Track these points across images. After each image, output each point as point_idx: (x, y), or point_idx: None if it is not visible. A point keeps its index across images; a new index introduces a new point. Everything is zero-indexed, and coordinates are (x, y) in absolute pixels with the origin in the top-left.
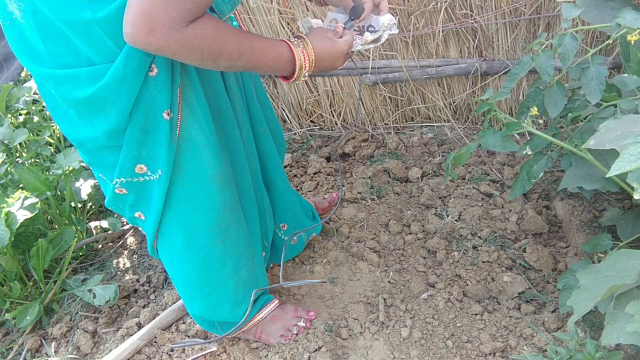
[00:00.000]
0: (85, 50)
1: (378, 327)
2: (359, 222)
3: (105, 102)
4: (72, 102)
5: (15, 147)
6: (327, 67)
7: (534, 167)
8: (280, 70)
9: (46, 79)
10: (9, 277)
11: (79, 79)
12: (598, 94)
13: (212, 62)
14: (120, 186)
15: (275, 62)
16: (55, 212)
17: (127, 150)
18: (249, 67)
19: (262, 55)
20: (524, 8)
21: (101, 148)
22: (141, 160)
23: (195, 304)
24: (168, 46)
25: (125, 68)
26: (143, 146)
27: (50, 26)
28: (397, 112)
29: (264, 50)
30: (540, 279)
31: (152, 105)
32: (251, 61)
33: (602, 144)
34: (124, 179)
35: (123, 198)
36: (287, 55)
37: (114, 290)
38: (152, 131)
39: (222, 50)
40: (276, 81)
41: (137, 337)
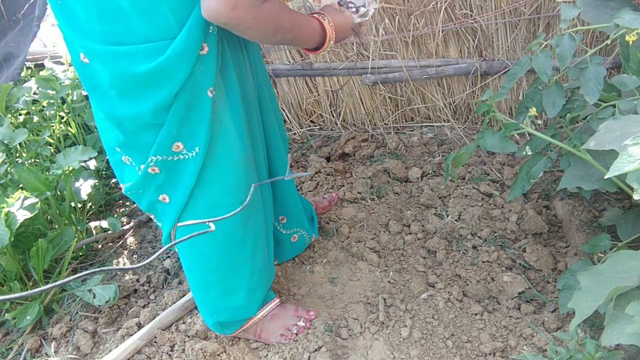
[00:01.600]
0: (142, 28)
1: (378, 327)
2: (359, 222)
3: (162, 77)
4: (128, 77)
5: (15, 147)
6: (342, 38)
7: (534, 168)
8: (313, 42)
9: (103, 55)
10: (9, 277)
11: (136, 56)
12: (596, 94)
13: (272, 35)
14: (154, 165)
15: (311, 34)
16: (55, 212)
17: (169, 127)
18: (293, 40)
19: (303, 29)
20: (524, 8)
21: (143, 126)
22: (180, 137)
23: (210, 293)
24: (246, 21)
25: (186, 43)
26: (184, 123)
27: (110, 4)
28: (397, 112)
29: (305, 24)
30: (540, 279)
31: (199, 83)
32: (296, 34)
33: (602, 145)
34: (160, 157)
35: (152, 179)
36: (319, 28)
37: (114, 290)
38: (195, 108)
39: (282, 24)
40: (276, 81)
41: (137, 337)
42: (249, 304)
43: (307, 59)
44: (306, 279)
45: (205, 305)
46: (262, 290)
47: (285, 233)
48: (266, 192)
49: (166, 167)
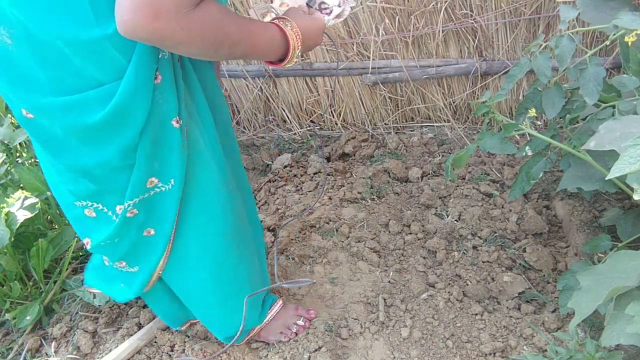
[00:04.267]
0: (90, 70)
1: (378, 327)
2: (359, 222)
3: (120, 119)
4: (81, 128)
5: (15, 147)
6: (312, 45)
7: (533, 168)
8: (273, 53)
9: (50, 109)
10: (9, 277)
11: (87, 102)
12: (596, 95)
13: (214, 50)
14: (132, 208)
15: (268, 45)
16: (55, 212)
17: (139, 167)
18: (245, 53)
19: (258, 39)
20: (524, 8)
21: (113, 170)
22: (153, 173)
23: (213, 314)
24: (173, 33)
25: (137, 80)
26: (155, 159)
27: (48, 49)
28: (397, 112)
29: (259, 33)
30: (540, 279)
31: (160, 115)
32: (248, 47)
33: (602, 145)
34: (137, 199)
35: (132, 221)
36: (279, 36)
37: None
38: (163, 142)
39: (225, 36)
40: (276, 81)
41: (137, 337)
42: (254, 317)
43: (307, 59)
44: (306, 279)
45: (211, 324)
46: (259, 303)
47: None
48: (250, 207)
49: (144, 206)
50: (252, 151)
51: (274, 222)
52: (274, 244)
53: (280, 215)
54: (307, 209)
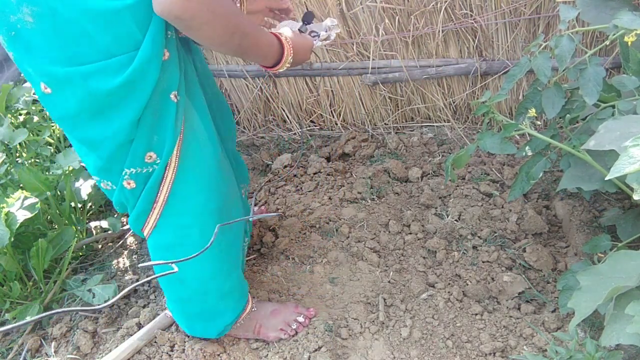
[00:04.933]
0: (107, 42)
1: (378, 327)
2: (359, 222)
3: (132, 88)
4: (97, 97)
5: (15, 147)
6: (300, 60)
7: (533, 168)
8: (271, 56)
9: (71, 78)
10: (9, 277)
11: (106, 70)
12: (595, 95)
13: (229, 37)
14: (129, 177)
15: (268, 48)
16: (55, 212)
17: (140, 136)
18: (250, 48)
19: (260, 40)
20: (524, 8)
21: (119, 146)
22: (152, 147)
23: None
24: (201, 14)
25: (152, 50)
26: (154, 131)
27: (70, 26)
28: (397, 112)
29: (262, 35)
30: (540, 279)
31: (163, 88)
32: (253, 42)
33: (602, 145)
34: (134, 170)
35: (129, 193)
36: (277, 44)
37: (114, 289)
38: (162, 114)
39: (239, 25)
40: (276, 81)
41: (136, 337)
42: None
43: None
44: (306, 279)
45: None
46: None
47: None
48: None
49: (141, 180)
50: (252, 151)
51: (274, 222)
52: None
53: (280, 215)
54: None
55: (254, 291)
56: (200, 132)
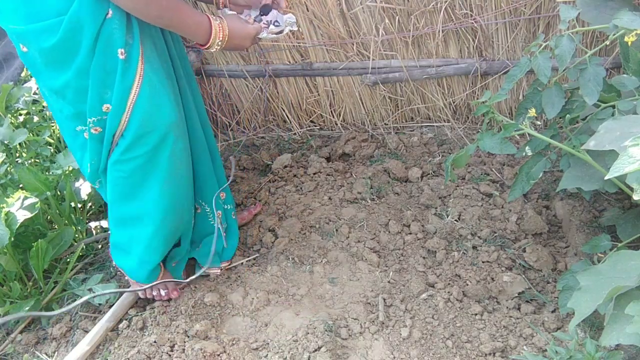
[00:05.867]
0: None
1: (378, 327)
2: (359, 222)
3: (70, 44)
4: (45, 52)
5: (15, 147)
6: (237, 45)
7: (533, 168)
8: (200, 36)
9: (27, 35)
10: (9, 277)
11: (47, 30)
12: (595, 95)
13: (145, 6)
14: (94, 125)
15: (196, 26)
16: (55, 212)
17: (92, 88)
18: (175, 23)
19: (187, 17)
20: (524, 8)
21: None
22: (107, 100)
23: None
24: None
25: (80, 11)
26: (106, 85)
27: None
28: (397, 112)
29: (189, 13)
30: (540, 279)
31: (109, 44)
32: (176, 18)
33: (602, 145)
34: (95, 118)
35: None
36: (207, 24)
37: (114, 289)
38: (110, 70)
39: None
40: (276, 81)
41: (104, 320)
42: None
43: (307, 59)
44: (306, 279)
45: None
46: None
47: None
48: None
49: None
50: (252, 151)
51: (274, 222)
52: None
53: (280, 216)
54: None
55: (253, 291)
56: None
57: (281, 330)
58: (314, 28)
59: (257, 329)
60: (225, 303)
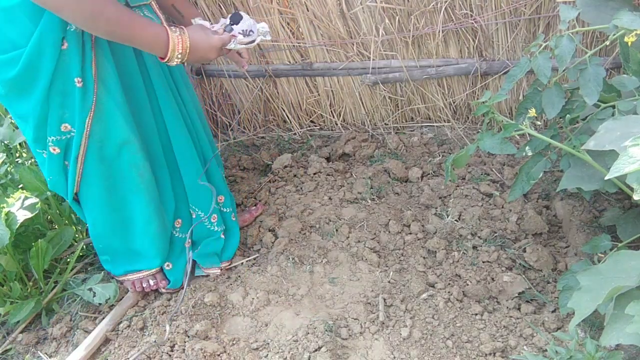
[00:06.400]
0: (12, 37)
1: (378, 327)
2: (359, 222)
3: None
4: (6, 82)
5: (15, 147)
6: (201, 57)
7: (533, 168)
8: (158, 49)
9: None
10: (9, 277)
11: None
12: (595, 95)
13: (92, 22)
14: (53, 144)
15: (152, 40)
16: (55, 212)
17: (53, 111)
18: (128, 38)
19: (141, 31)
20: (524, 8)
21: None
22: (65, 120)
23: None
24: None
25: (41, 44)
26: (64, 107)
27: None
28: (397, 112)
29: (143, 26)
30: (540, 279)
31: (66, 73)
32: (129, 32)
33: (602, 145)
34: (54, 137)
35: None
36: (164, 37)
37: (114, 289)
38: (69, 94)
39: (102, 12)
40: (276, 81)
41: (104, 323)
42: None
43: (307, 59)
44: (306, 279)
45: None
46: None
47: (179, 236)
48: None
49: (62, 145)
50: (252, 151)
51: (274, 222)
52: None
53: (280, 216)
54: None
55: (254, 291)
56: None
57: (281, 330)
58: (314, 28)
59: (257, 329)
60: (225, 303)
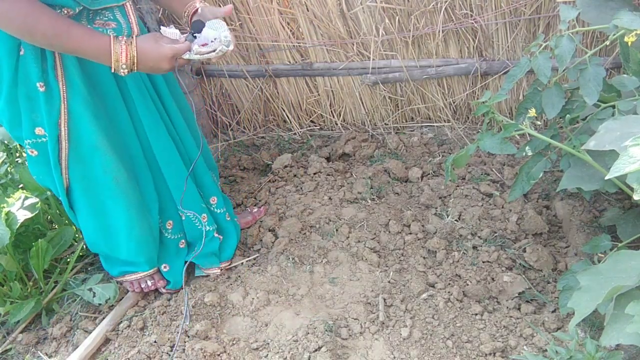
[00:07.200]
0: None
1: (378, 327)
2: (359, 222)
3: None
4: None
5: (15, 147)
6: (153, 67)
7: (534, 168)
8: (103, 59)
9: None
10: (9, 277)
11: None
12: (595, 95)
13: (29, 36)
14: (30, 147)
15: (95, 50)
16: (56, 212)
17: (24, 115)
18: (70, 49)
19: (81, 42)
20: (524, 8)
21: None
22: (37, 123)
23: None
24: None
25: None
26: (32, 111)
27: None
28: (397, 112)
29: (83, 38)
30: (540, 279)
31: (27, 78)
32: (70, 44)
33: (602, 145)
34: (30, 140)
35: (35, 160)
36: (106, 48)
37: (114, 289)
38: (35, 99)
39: (35, 27)
40: (276, 81)
41: (104, 324)
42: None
43: (307, 59)
44: (306, 279)
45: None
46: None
47: (171, 237)
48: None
49: (39, 148)
50: (252, 151)
51: (274, 222)
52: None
53: (280, 216)
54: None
55: (254, 291)
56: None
57: (281, 330)
58: (314, 28)
59: (257, 329)
60: (225, 303)
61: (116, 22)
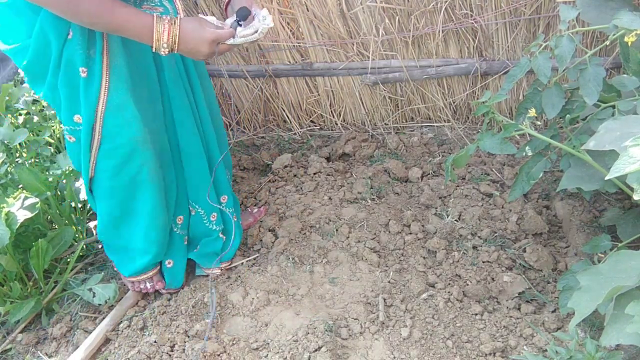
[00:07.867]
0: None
1: (378, 327)
2: (359, 222)
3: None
4: (24, 69)
5: (15, 147)
6: (193, 49)
7: (533, 168)
8: (146, 38)
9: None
10: (9, 277)
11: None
12: (595, 95)
13: (73, 14)
14: (69, 133)
15: (138, 29)
16: (55, 212)
17: (63, 102)
18: (113, 28)
19: (125, 20)
20: (524, 8)
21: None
22: (76, 111)
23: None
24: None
25: (42, 33)
26: (73, 100)
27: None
28: (397, 112)
29: (127, 16)
30: (540, 279)
31: (71, 62)
32: (113, 23)
33: (602, 145)
34: (69, 127)
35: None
36: (149, 26)
37: (114, 289)
38: (75, 86)
39: (80, 4)
40: (276, 81)
41: (104, 324)
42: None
43: (307, 59)
44: (306, 279)
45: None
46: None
47: (179, 232)
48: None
49: (77, 137)
50: (252, 151)
51: (274, 222)
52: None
53: (280, 216)
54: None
55: (254, 291)
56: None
57: (281, 330)
58: (314, 28)
59: (257, 329)
60: (225, 303)
61: (163, 7)
